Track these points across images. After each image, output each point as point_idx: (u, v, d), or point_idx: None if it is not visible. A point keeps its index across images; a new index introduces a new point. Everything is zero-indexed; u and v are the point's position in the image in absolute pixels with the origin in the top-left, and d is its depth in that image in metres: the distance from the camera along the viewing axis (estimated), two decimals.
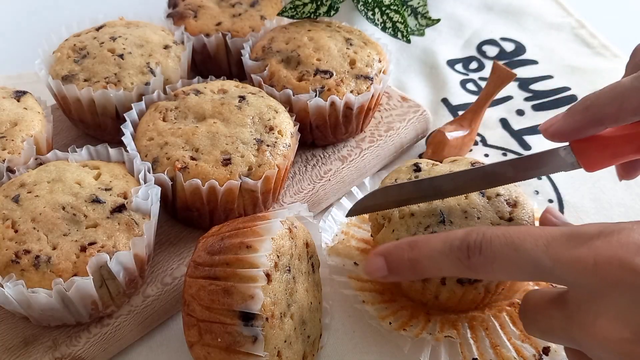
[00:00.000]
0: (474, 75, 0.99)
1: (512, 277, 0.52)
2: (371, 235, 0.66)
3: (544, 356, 0.60)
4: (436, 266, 0.53)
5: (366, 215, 0.71)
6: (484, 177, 0.59)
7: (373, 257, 0.57)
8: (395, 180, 0.64)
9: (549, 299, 0.51)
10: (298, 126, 0.72)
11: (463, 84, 0.97)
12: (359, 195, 0.72)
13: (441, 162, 0.67)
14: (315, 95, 0.73)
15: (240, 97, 0.71)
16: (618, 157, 0.55)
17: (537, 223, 0.63)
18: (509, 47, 1.05)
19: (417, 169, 0.65)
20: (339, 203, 0.73)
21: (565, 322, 0.49)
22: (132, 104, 0.73)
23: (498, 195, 0.62)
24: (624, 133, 0.54)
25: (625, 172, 0.61)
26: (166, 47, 0.80)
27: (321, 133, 0.78)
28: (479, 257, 0.50)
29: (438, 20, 0.93)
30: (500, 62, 0.86)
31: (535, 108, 0.92)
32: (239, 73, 0.87)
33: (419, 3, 0.92)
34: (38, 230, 0.57)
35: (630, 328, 0.44)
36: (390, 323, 0.61)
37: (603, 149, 0.55)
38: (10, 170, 0.64)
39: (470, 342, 0.60)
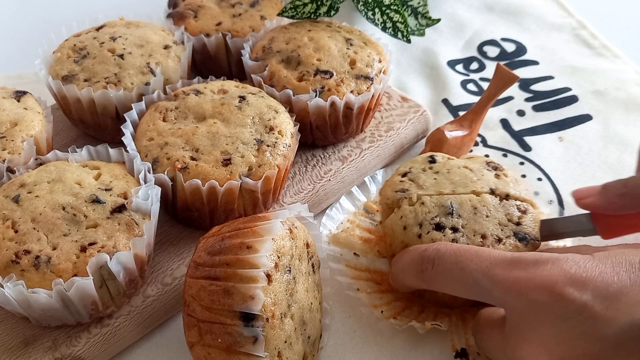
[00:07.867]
0: (475, 76, 0.99)
1: (458, 294, 0.55)
2: (379, 222, 0.66)
3: None
4: (406, 278, 0.58)
5: (374, 205, 0.73)
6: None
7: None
8: (410, 169, 0.65)
9: (493, 320, 0.54)
10: (298, 126, 0.72)
11: (464, 84, 0.97)
12: (375, 181, 0.75)
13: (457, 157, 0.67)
14: (316, 96, 0.73)
15: (240, 97, 0.71)
16: (634, 228, 0.59)
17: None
18: (509, 47, 1.05)
19: (433, 160, 0.66)
20: (350, 192, 0.74)
21: (501, 344, 0.52)
22: (132, 104, 0.73)
23: (509, 197, 0.62)
24: None
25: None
26: (166, 47, 0.80)
27: (321, 133, 0.78)
28: (432, 272, 0.54)
29: (438, 20, 0.93)
30: (502, 63, 0.85)
31: (536, 109, 0.92)
32: (239, 73, 0.87)
33: (419, 3, 0.92)
34: (38, 231, 0.57)
35: (552, 357, 0.47)
36: (382, 312, 0.62)
37: (621, 222, 0.59)
38: (10, 170, 0.64)
39: (460, 332, 0.61)
